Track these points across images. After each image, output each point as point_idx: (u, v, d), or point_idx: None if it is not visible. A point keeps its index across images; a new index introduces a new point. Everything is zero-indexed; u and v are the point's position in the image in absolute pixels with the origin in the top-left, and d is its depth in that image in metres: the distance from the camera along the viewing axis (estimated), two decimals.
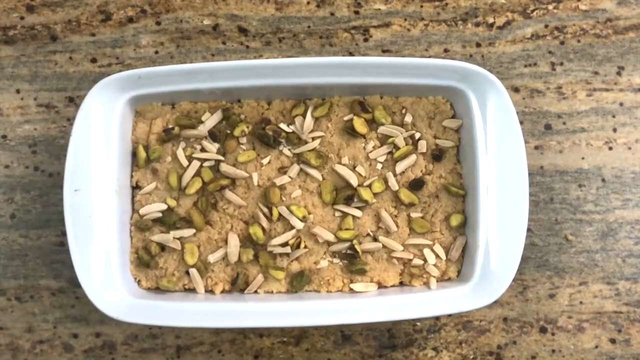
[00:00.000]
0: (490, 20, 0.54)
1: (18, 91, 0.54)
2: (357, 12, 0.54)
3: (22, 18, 0.54)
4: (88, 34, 0.54)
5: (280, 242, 0.48)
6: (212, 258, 0.48)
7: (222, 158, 0.49)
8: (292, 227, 0.48)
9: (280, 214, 0.48)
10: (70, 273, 0.51)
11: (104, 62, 0.54)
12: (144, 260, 0.48)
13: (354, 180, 0.48)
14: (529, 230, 0.51)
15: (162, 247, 0.49)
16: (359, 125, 0.49)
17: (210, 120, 0.49)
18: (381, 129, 0.49)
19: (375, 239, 0.49)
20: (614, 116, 0.53)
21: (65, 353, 0.52)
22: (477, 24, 0.54)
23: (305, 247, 0.48)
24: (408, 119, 0.49)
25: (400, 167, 0.49)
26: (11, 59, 0.54)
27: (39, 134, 0.53)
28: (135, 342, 0.52)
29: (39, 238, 0.52)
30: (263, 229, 0.48)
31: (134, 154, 0.49)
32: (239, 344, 0.52)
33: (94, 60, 0.54)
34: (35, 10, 0.54)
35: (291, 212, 0.48)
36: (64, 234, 0.48)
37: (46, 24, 0.54)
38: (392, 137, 0.49)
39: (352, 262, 0.48)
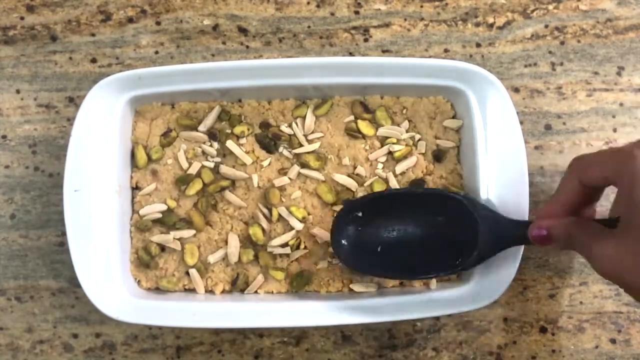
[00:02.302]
0: (490, 20, 0.54)
1: (18, 91, 0.53)
2: (357, 12, 0.54)
3: (22, 18, 0.54)
4: (88, 34, 0.54)
5: (280, 242, 0.48)
6: (212, 258, 0.48)
7: (219, 160, 0.49)
8: (292, 228, 0.48)
9: (280, 215, 0.48)
10: (70, 273, 0.51)
11: (104, 62, 0.54)
12: (144, 260, 0.48)
13: (353, 187, 0.48)
14: None
15: (162, 248, 0.49)
16: (365, 127, 0.49)
17: (210, 118, 0.49)
18: (381, 130, 0.49)
19: None
20: (614, 116, 0.53)
21: (65, 353, 0.52)
22: (477, 24, 0.53)
23: (305, 247, 0.48)
24: (408, 119, 0.49)
25: (400, 167, 0.49)
26: (11, 59, 0.54)
27: (39, 134, 0.53)
28: (135, 342, 0.52)
29: (39, 238, 0.52)
30: (263, 229, 0.48)
31: (134, 155, 0.49)
32: (239, 344, 0.52)
33: (94, 60, 0.54)
34: (35, 10, 0.54)
35: (291, 213, 0.48)
36: (64, 234, 0.48)
37: (46, 24, 0.54)
38: (392, 137, 0.49)
39: None
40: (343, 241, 0.46)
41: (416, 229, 0.46)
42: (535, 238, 0.41)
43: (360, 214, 0.46)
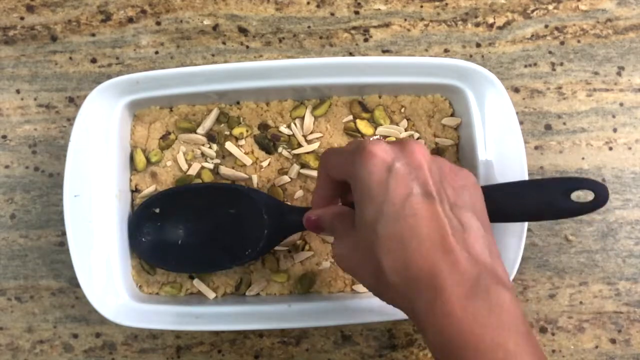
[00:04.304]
0: (490, 20, 0.54)
1: (18, 91, 0.54)
2: (357, 12, 0.54)
3: (22, 18, 0.54)
4: (88, 34, 0.54)
5: (286, 243, 0.48)
6: None
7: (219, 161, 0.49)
8: None
9: None
10: (70, 273, 0.51)
11: (104, 62, 0.54)
12: (145, 266, 0.48)
13: None
14: (529, 230, 0.51)
15: None
16: (364, 126, 0.49)
17: (208, 120, 0.49)
18: (380, 130, 0.49)
19: None
20: (614, 116, 0.53)
21: (65, 353, 0.52)
22: (477, 24, 0.53)
23: (310, 249, 0.49)
24: (407, 118, 0.49)
25: None
26: (11, 59, 0.54)
27: (39, 134, 0.53)
28: (135, 342, 0.52)
29: (39, 238, 0.52)
30: None
31: (132, 158, 0.49)
32: (239, 344, 0.52)
33: (94, 61, 0.54)
34: (35, 10, 0.54)
35: None
36: (63, 234, 0.48)
37: (46, 24, 0.54)
38: (391, 136, 0.49)
39: None
40: (142, 239, 0.48)
41: (211, 222, 0.48)
42: (308, 224, 0.41)
43: (157, 210, 0.48)
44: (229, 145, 0.49)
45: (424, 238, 0.32)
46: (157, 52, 0.54)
